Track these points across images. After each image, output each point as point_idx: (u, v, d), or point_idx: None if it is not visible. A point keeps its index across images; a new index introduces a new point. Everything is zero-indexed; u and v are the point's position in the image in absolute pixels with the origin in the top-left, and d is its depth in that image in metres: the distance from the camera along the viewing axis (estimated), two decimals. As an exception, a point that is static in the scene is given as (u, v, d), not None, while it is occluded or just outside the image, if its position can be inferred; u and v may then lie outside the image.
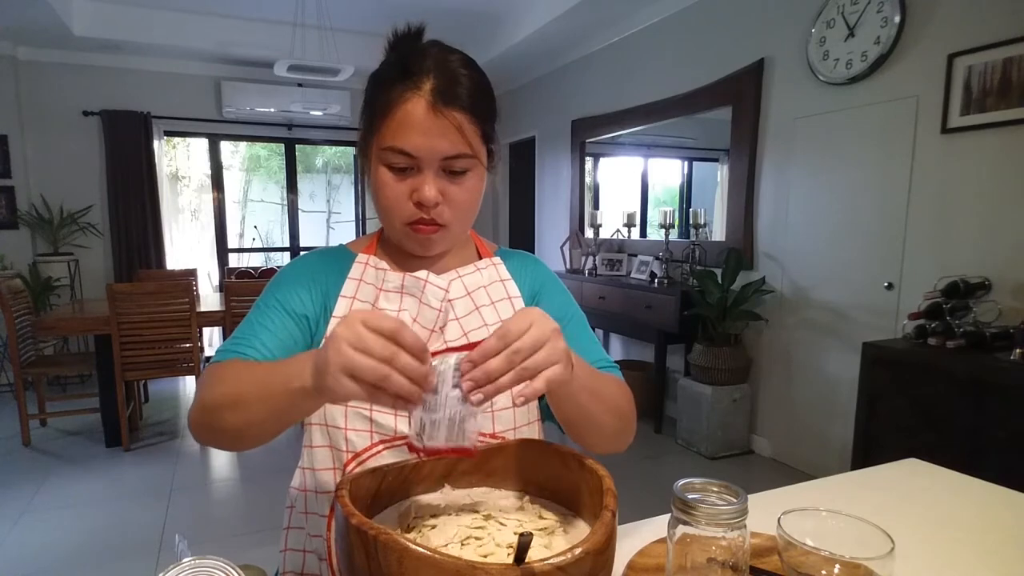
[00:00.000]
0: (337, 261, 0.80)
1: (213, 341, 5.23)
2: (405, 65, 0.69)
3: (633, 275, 3.87)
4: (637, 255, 3.95)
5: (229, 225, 5.37)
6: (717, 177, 3.51)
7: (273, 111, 5.08)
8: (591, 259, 4.12)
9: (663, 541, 0.60)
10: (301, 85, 5.06)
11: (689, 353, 3.21)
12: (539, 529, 0.58)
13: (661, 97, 3.68)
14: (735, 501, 0.52)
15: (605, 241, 4.20)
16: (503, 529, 0.57)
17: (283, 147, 5.53)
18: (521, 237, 5.69)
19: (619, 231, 4.12)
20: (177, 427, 3.59)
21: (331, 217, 6.04)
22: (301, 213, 5.64)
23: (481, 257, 0.85)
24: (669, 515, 0.55)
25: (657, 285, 3.41)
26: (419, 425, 0.54)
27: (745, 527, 0.52)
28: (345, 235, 6.05)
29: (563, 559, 0.44)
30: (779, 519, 0.58)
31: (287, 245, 5.68)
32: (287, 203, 5.58)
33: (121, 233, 4.70)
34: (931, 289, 2.13)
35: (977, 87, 2.13)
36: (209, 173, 5.25)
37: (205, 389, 0.64)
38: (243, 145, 5.87)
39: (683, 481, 0.55)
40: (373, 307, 0.76)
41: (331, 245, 0.85)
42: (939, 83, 2.25)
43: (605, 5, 3.63)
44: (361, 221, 5.87)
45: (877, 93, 2.49)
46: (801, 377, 2.91)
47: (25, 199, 4.42)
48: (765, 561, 0.65)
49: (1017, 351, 1.82)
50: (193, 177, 5.76)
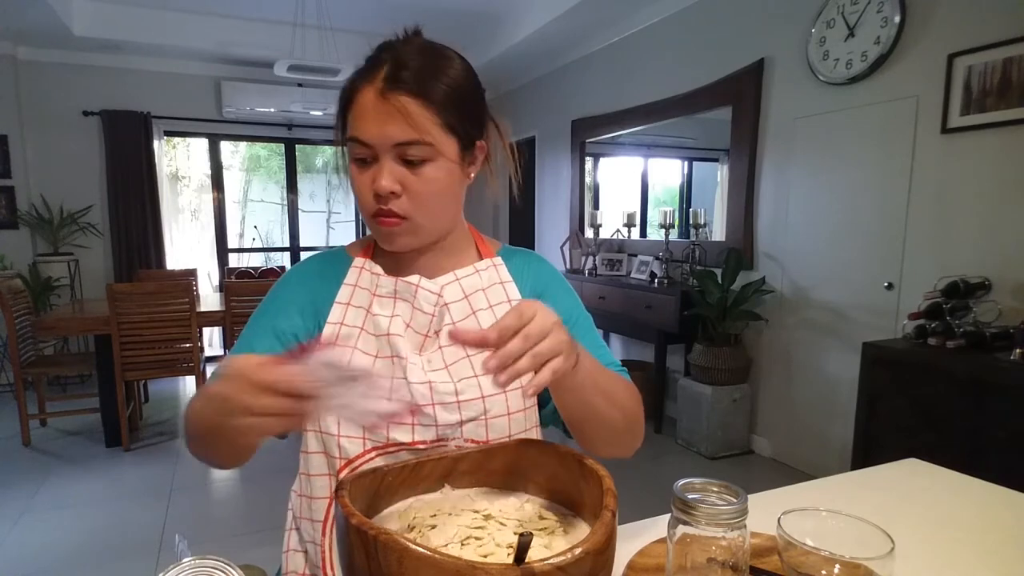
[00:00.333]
0: (333, 267, 0.80)
1: (213, 341, 5.23)
2: (369, 59, 0.70)
3: (633, 275, 3.87)
4: (637, 255, 3.95)
5: (229, 225, 5.37)
6: (717, 177, 3.51)
7: (273, 111, 5.08)
8: (591, 259, 4.12)
9: (663, 541, 0.60)
10: (301, 85, 5.06)
11: (689, 353, 3.21)
12: (539, 529, 0.58)
13: (661, 97, 3.68)
14: (735, 501, 0.52)
15: (605, 241, 4.20)
16: (503, 529, 0.57)
17: (283, 147, 5.53)
18: (521, 237, 5.69)
19: (619, 231, 4.12)
20: (177, 427, 3.58)
21: (331, 217, 6.03)
22: (301, 213, 5.64)
23: (482, 257, 0.82)
24: (669, 515, 0.55)
25: (657, 285, 3.41)
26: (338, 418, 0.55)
27: (745, 527, 0.52)
28: (345, 235, 6.06)
29: (563, 559, 0.44)
30: (779, 519, 0.58)
31: (287, 245, 5.68)
32: (287, 203, 5.59)
33: (121, 233, 4.70)
34: (931, 289, 2.13)
35: (977, 87, 2.13)
36: (209, 173, 5.25)
37: (185, 423, 0.68)
38: (243, 145, 5.87)
39: (683, 481, 0.55)
40: (367, 312, 0.75)
41: (332, 247, 0.85)
42: (939, 83, 2.25)
43: (605, 5, 3.63)
44: (361, 221, 5.87)
45: (877, 93, 2.49)
46: (801, 377, 2.91)
47: (25, 199, 4.42)
48: (765, 561, 0.65)
49: (1017, 351, 1.82)
50: (193, 177, 5.76)
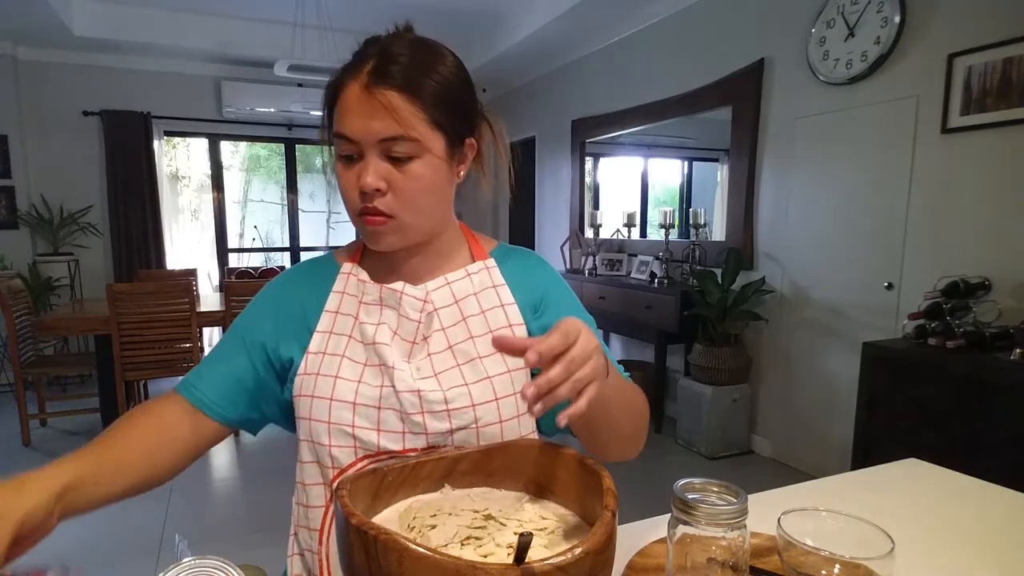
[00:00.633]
0: (321, 274, 0.79)
1: (213, 341, 5.23)
2: (356, 53, 0.69)
3: (633, 275, 3.87)
4: (637, 255, 3.95)
5: (229, 225, 5.37)
6: (717, 177, 3.51)
7: (273, 111, 5.08)
8: (591, 259, 4.12)
9: (663, 541, 0.60)
10: (301, 85, 5.06)
11: (689, 353, 3.21)
12: (539, 529, 0.58)
13: (661, 97, 3.68)
14: (735, 501, 0.52)
15: (605, 241, 4.20)
16: (503, 529, 0.57)
17: (283, 147, 5.53)
18: (521, 237, 5.69)
19: (619, 231, 4.12)
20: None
21: (331, 217, 6.03)
22: (301, 213, 5.64)
23: (474, 259, 0.79)
24: (669, 515, 0.55)
25: (657, 285, 3.41)
26: None
27: (745, 527, 0.52)
28: (345, 235, 6.05)
29: (563, 559, 0.44)
30: (779, 519, 0.58)
31: (287, 245, 5.68)
32: (287, 203, 5.59)
33: (121, 233, 4.70)
34: (931, 289, 2.13)
35: (977, 87, 2.13)
36: (209, 173, 5.25)
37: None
38: (243, 145, 5.87)
39: (683, 481, 0.55)
40: (355, 319, 0.74)
41: (320, 256, 0.84)
42: (939, 83, 2.25)
43: (605, 5, 3.63)
44: (361, 221, 5.86)
45: (877, 93, 2.49)
46: (801, 377, 2.91)
47: (25, 199, 4.42)
48: (765, 561, 0.65)
49: (1017, 351, 1.82)
50: (193, 177, 5.76)
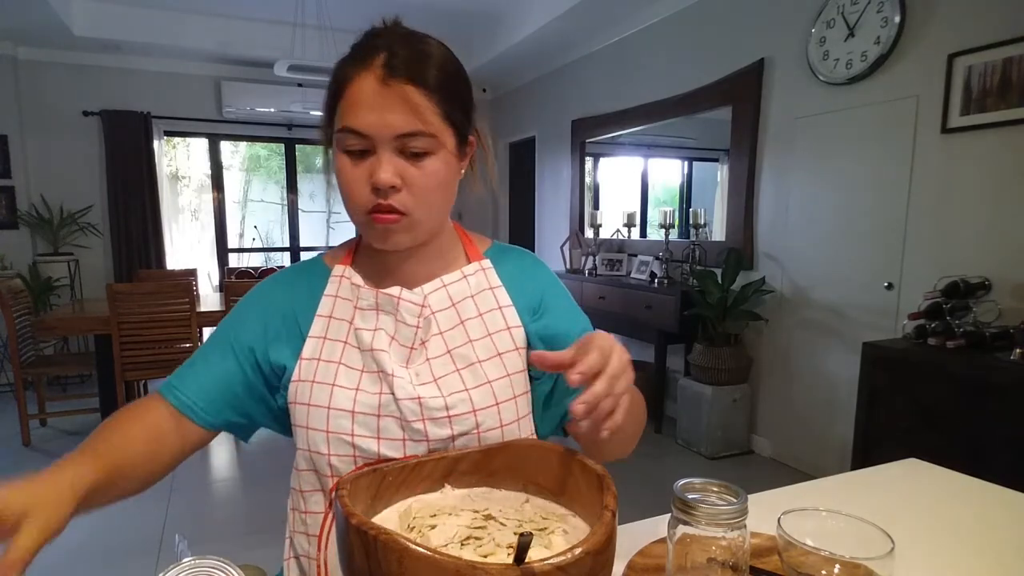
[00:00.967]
0: (311, 277, 0.77)
1: (213, 341, 5.22)
2: (360, 46, 0.67)
3: (633, 275, 3.86)
4: (637, 255, 3.95)
5: (229, 225, 5.37)
6: (717, 177, 3.51)
7: (273, 111, 5.08)
8: (591, 259, 4.12)
9: (663, 541, 0.60)
10: (301, 85, 5.06)
11: (689, 353, 3.21)
12: (539, 529, 0.58)
13: (661, 97, 3.68)
14: (735, 501, 0.52)
15: (605, 241, 4.20)
16: (503, 529, 0.57)
17: (283, 147, 5.53)
18: (521, 237, 5.69)
19: (619, 231, 4.12)
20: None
21: (331, 217, 6.01)
22: (301, 213, 5.64)
23: (470, 260, 0.78)
24: (669, 515, 0.55)
25: (657, 285, 3.41)
26: None
27: (745, 527, 0.52)
28: (345, 235, 6.03)
29: (563, 559, 0.44)
30: (779, 519, 0.58)
31: (287, 245, 5.67)
32: (287, 203, 5.58)
33: (121, 233, 4.70)
34: (931, 289, 2.13)
35: (977, 87, 2.13)
36: (209, 173, 5.25)
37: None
38: (243, 145, 5.87)
39: (683, 481, 0.55)
40: (350, 324, 0.73)
41: (309, 259, 0.82)
42: (939, 83, 2.25)
43: (605, 5, 3.63)
44: (361, 221, 5.87)
45: (877, 93, 2.49)
46: (801, 377, 2.91)
47: (25, 199, 4.42)
48: (765, 561, 0.65)
49: (1017, 351, 1.82)
50: (193, 177, 5.76)
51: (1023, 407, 1.73)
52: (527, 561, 0.44)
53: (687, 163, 4.17)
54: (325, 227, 5.98)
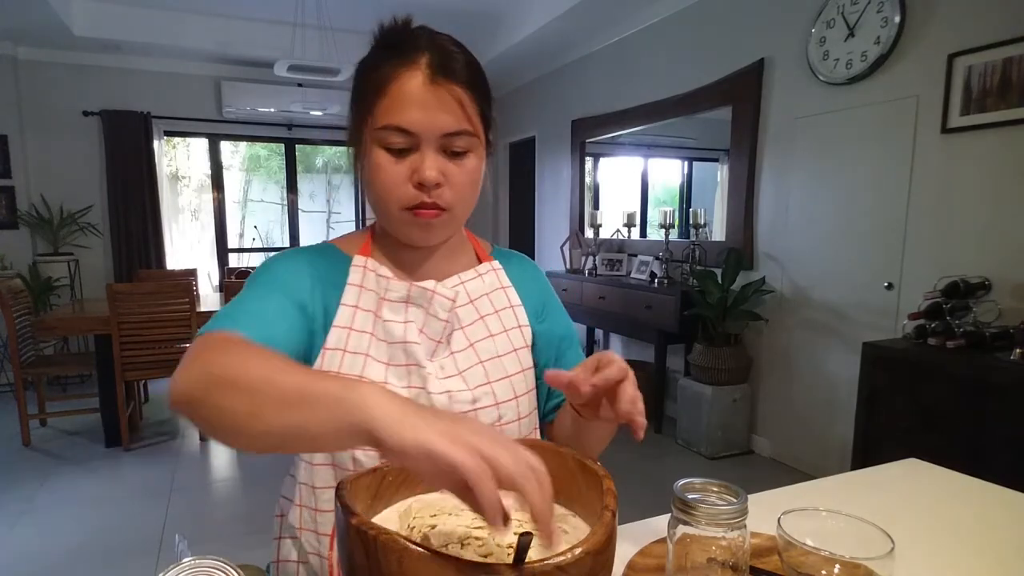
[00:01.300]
0: (329, 263, 0.73)
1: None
2: (397, 45, 0.67)
3: (633, 275, 3.86)
4: (637, 255, 3.95)
5: (229, 225, 5.37)
6: (717, 177, 3.51)
7: (273, 111, 5.07)
8: (591, 259, 4.12)
9: (663, 541, 0.60)
10: (301, 85, 5.06)
11: (689, 353, 3.21)
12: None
13: (661, 97, 3.68)
14: (735, 501, 0.52)
15: (605, 241, 4.19)
16: (503, 529, 0.57)
17: (283, 147, 5.53)
18: (521, 237, 5.69)
19: (619, 231, 4.11)
20: (177, 427, 3.58)
21: (331, 217, 6.03)
22: (301, 213, 5.64)
23: (480, 259, 0.81)
24: (669, 515, 0.55)
25: (657, 285, 3.41)
26: None
27: (745, 527, 0.52)
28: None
29: (563, 559, 0.44)
30: (779, 519, 0.58)
31: (287, 245, 5.67)
32: (287, 203, 5.59)
33: (121, 233, 4.70)
34: (931, 289, 2.13)
35: (977, 87, 2.13)
36: (209, 173, 5.25)
37: (212, 353, 0.51)
38: (243, 145, 5.87)
39: (683, 481, 0.55)
40: (376, 316, 0.71)
41: (318, 244, 0.77)
42: (939, 83, 2.24)
43: (605, 5, 3.63)
44: (361, 221, 5.87)
45: (877, 93, 2.49)
46: (801, 377, 2.91)
47: (25, 199, 4.42)
48: (765, 561, 0.65)
49: (1017, 351, 1.82)
50: (193, 177, 5.75)
51: (1023, 407, 1.73)
52: (527, 561, 0.44)
53: (687, 163, 4.17)
54: (325, 227, 5.98)
